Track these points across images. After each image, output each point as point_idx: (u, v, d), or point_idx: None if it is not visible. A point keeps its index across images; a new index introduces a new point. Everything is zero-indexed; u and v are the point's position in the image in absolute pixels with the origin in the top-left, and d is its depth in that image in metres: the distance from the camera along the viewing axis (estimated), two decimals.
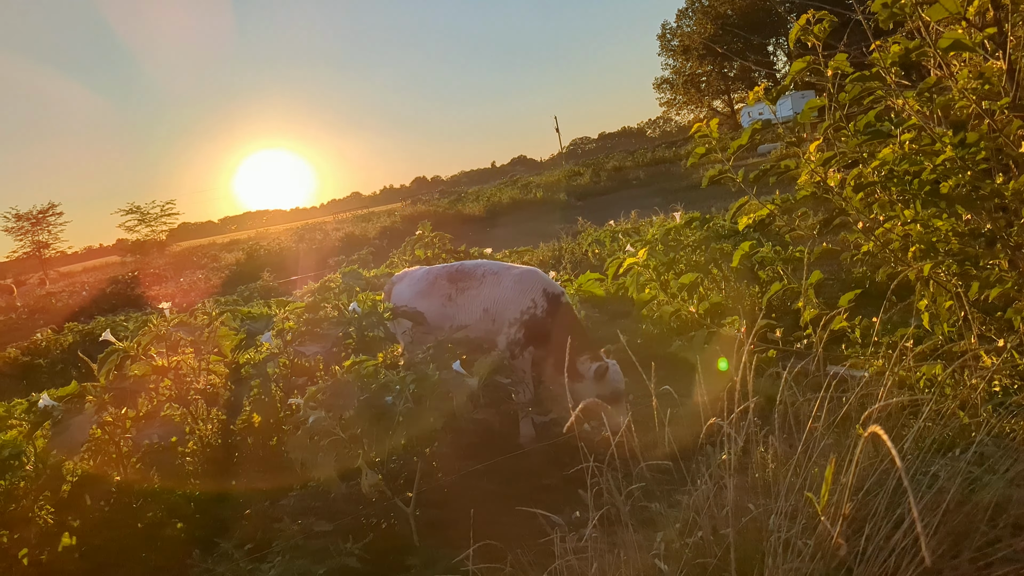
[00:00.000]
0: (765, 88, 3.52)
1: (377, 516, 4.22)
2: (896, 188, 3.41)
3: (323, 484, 4.02)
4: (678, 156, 42.38)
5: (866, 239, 3.48)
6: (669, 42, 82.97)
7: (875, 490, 2.21)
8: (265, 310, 6.23)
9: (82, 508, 4.55)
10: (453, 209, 35.85)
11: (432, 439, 4.22)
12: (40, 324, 17.25)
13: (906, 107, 3.46)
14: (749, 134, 3.53)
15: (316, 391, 3.95)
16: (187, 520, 4.66)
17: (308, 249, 30.82)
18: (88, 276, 41.94)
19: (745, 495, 2.31)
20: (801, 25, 3.60)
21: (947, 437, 2.68)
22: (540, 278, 5.54)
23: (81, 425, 4.30)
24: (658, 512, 2.54)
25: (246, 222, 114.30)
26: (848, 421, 2.69)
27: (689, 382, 3.64)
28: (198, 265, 34.37)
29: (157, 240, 58.76)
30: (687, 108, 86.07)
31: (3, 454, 4.35)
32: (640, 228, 11.09)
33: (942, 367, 3.22)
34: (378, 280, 7.04)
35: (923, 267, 3.15)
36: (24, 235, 61.63)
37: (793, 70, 3.53)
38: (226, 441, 5.21)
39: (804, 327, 3.70)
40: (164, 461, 4.70)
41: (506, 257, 9.74)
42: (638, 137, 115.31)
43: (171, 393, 5.15)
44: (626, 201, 23.36)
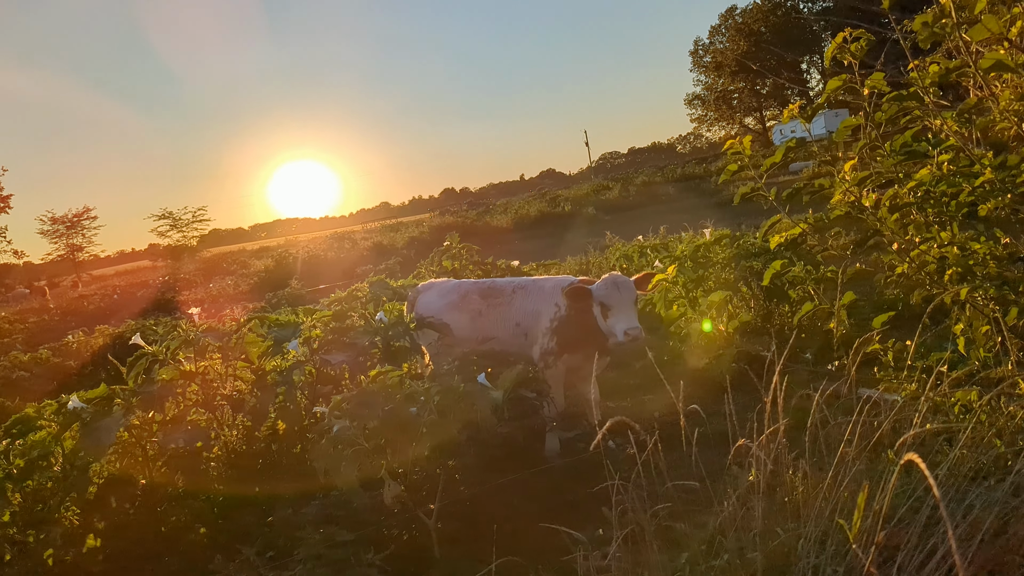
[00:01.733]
0: (800, 106, 3.48)
1: (399, 527, 4.21)
2: (933, 209, 3.35)
3: (346, 494, 4.02)
4: (708, 172, 42.16)
5: (900, 260, 3.42)
6: (701, 58, 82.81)
7: (907, 518, 2.16)
8: (293, 318, 6.27)
9: (107, 510, 4.59)
10: (481, 221, 35.96)
11: (455, 451, 4.20)
12: (72, 326, 17.50)
13: (944, 128, 3.41)
14: (783, 152, 3.49)
15: (341, 400, 3.96)
16: (210, 525, 4.68)
17: (336, 258, 31.06)
18: (120, 280, 42.61)
19: (773, 518, 2.27)
20: (838, 43, 3.56)
21: (982, 465, 2.61)
22: (563, 283, 5.57)
23: (109, 427, 4.34)
24: (683, 533, 2.50)
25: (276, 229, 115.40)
26: (880, 446, 2.63)
27: (716, 401, 3.60)
28: (227, 271, 34.76)
29: (188, 246, 59.56)
30: (718, 124, 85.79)
31: (32, 454, 4.41)
32: (669, 244, 11.02)
33: (977, 393, 3.15)
34: (405, 290, 7.04)
35: (960, 291, 3.08)
36: (59, 238, 62.65)
37: (829, 88, 3.49)
38: (251, 447, 5.24)
39: (835, 348, 3.64)
40: (189, 466, 4.74)
41: (534, 270, 9.73)
42: (668, 153, 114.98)
43: (197, 398, 5.20)
44: (655, 216, 23.25)
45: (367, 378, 4.07)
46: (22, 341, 16.49)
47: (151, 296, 25.26)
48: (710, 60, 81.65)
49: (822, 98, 3.61)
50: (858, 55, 3.51)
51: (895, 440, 2.82)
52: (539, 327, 5.50)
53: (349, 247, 34.34)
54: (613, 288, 5.16)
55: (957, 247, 3.25)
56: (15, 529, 4.25)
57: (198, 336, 5.33)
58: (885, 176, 3.46)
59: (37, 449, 4.42)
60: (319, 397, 5.31)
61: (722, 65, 79.55)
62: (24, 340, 16.69)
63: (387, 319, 5.86)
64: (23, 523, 4.27)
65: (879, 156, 3.60)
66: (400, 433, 3.95)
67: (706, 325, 5.83)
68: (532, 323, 5.53)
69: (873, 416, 2.68)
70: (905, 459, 1.45)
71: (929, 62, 3.42)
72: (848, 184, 3.34)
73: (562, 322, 5.45)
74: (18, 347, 14.44)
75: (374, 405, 3.92)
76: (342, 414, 3.93)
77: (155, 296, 25.12)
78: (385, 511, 4.23)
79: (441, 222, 37.87)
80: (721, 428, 3.66)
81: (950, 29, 2.86)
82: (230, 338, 5.51)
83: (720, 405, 3.75)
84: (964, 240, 3.30)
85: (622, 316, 5.08)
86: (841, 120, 3.68)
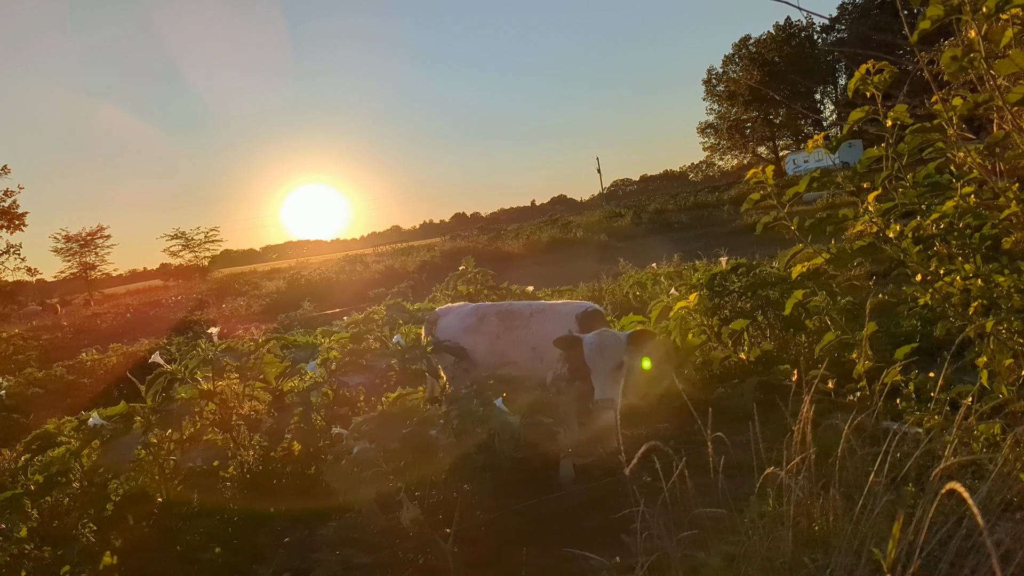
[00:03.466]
0: (825, 136, 3.51)
1: (415, 551, 4.20)
2: (956, 241, 3.36)
3: (362, 516, 4.02)
4: (721, 201, 42.24)
5: (923, 292, 3.42)
6: (714, 87, 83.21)
7: (936, 551, 2.15)
8: (310, 339, 6.30)
9: (124, 527, 4.59)
10: (492, 246, 36.05)
11: (472, 475, 4.19)
12: (85, 344, 17.61)
13: (968, 160, 3.42)
14: (807, 182, 3.51)
15: (362, 422, 3.97)
16: (225, 545, 4.68)
17: (348, 280, 31.16)
18: (132, 299, 42.85)
19: (800, 548, 2.26)
20: (861, 75, 3.59)
21: (1009, 500, 2.59)
22: (578, 308, 5.52)
23: (129, 444, 4.37)
24: (708, 561, 2.49)
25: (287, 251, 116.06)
26: (906, 479, 2.62)
27: (736, 430, 3.59)
28: (239, 292, 34.90)
29: (200, 266, 60.03)
30: (731, 153, 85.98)
31: (51, 470, 4.42)
32: (683, 272, 11.03)
33: (1001, 427, 3.14)
34: (421, 313, 7.08)
35: (986, 324, 3.08)
36: (72, 256, 63.20)
37: (852, 119, 3.51)
38: (267, 468, 5.24)
39: (857, 379, 3.63)
40: (205, 484, 4.75)
41: (549, 296, 9.75)
42: (680, 181, 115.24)
43: (215, 417, 5.22)
44: (667, 244, 23.27)
45: (386, 400, 4.07)
46: (36, 358, 16.58)
47: (164, 315, 25.41)
48: (723, 89, 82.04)
49: (845, 128, 3.63)
50: (881, 87, 3.54)
51: (918, 474, 2.81)
52: (554, 352, 5.48)
53: (361, 270, 34.46)
54: (596, 353, 4.86)
55: (981, 279, 3.25)
56: (32, 545, 4.26)
57: (217, 356, 5.36)
58: (908, 207, 3.47)
59: (56, 465, 4.44)
60: (336, 418, 5.32)
61: (735, 94, 79.91)
62: (38, 357, 16.79)
63: (404, 342, 5.89)
64: (40, 539, 4.28)
65: (901, 188, 3.61)
66: (418, 456, 3.95)
67: (721, 354, 5.81)
68: (547, 347, 5.50)
69: (898, 448, 2.67)
70: (947, 488, 1.45)
71: (953, 95, 3.44)
72: (873, 215, 3.35)
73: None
74: (32, 364, 14.53)
75: (394, 427, 3.93)
76: (362, 436, 3.93)
77: (168, 315, 25.27)
78: (400, 534, 4.22)
79: (453, 247, 38.00)
80: (740, 458, 3.65)
81: (978, 63, 2.88)
82: (248, 358, 5.54)
83: (739, 435, 3.75)
84: (988, 273, 3.30)
85: (599, 382, 4.78)
86: (855, 151, 3.70)
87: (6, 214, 42.77)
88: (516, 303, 6.00)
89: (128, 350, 14.19)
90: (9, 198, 42.58)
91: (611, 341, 4.82)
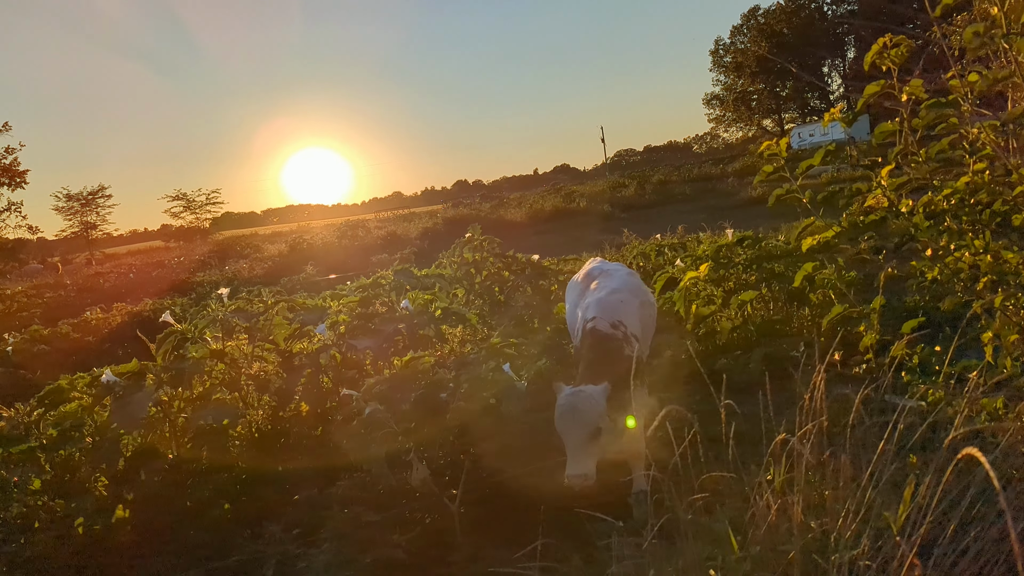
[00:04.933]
0: (842, 110, 3.52)
1: (423, 510, 4.28)
2: (967, 217, 3.39)
3: (371, 476, 4.09)
4: (725, 173, 42.05)
5: (932, 266, 3.46)
6: (721, 58, 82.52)
7: (939, 519, 2.21)
8: (320, 302, 6.34)
9: (136, 482, 4.67)
10: (495, 214, 35.96)
11: (480, 438, 4.26)
12: (88, 303, 17.66)
13: (981, 136, 3.44)
14: (822, 155, 3.53)
15: (374, 383, 4.03)
16: (234, 501, 4.77)
17: (351, 245, 31.16)
18: (134, 259, 42.84)
19: (808, 513, 2.32)
20: (878, 49, 3.59)
21: (1011, 473, 2.65)
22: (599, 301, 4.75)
23: (141, 402, 4.43)
24: (717, 525, 2.55)
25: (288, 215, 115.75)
26: (911, 450, 2.68)
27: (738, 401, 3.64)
28: (241, 255, 34.90)
29: (201, 227, 60.04)
30: (736, 126, 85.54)
31: (64, 425, 4.49)
32: (687, 243, 11.05)
33: (1003, 401, 3.19)
34: (430, 279, 7.11)
35: (994, 299, 3.12)
36: (73, 215, 63.22)
37: (868, 92, 3.52)
38: (276, 427, 5.31)
39: (863, 352, 3.68)
40: (215, 442, 4.81)
41: (553, 264, 9.77)
42: (684, 152, 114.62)
43: (224, 377, 5.28)
44: (671, 216, 23.28)
45: (400, 362, 4.12)
46: (40, 316, 16.67)
47: (166, 276, 25.45)
48: (730, 60, 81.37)
49: (860, 102, 3.64)
50: (898, 61, 3.54)
51: (923, 448, 2.87)
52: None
53: (363, 235, 34.41)
54: (566, 415, 3.94)
55: (990, 255, 3.29)
56: (46, 498, 4.34)
57: (226, 316, 5.41)
58: (921, 183, 3.49)
59: (69, 420, 4.50)
60: (344, 381, 5.38)
61: (742, 66, 79.27)
62: (42, 315, 16.87)
63: (412, 307, 5.94)
64: (54, 492, 4.36)
65: (914, 163, 3.63)
66: (428, 418, 4.02)
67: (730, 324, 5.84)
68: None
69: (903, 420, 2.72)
70: (964, 453, 1.50)
71: (968, 71, 3.45)
72: (886, 189, 3.37)
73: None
74: (37, 322, 14.59)
75: (405, 389, 3.99)
76: (373, 397, 3.99)
77: (170, 276, 25.31)
78: (408, 494, 4.30)
79: (455, 214, 37.92)
80: (746, 428, 3.71)
81: (999, 40, 2.89)
82: (257, 320, 5.59)
83: (744, 405, 3.80)
84: (997, 249, 3.33)
85: (570, 454, 3.91)
86: (860, 125, 3.71)
87: (7, 171, 42.61)
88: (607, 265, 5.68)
89: (132, 309, 14.27)
90: (10, 155, 42.41)
91: (585, 403, 3.95)
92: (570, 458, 3.87)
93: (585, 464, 3.83)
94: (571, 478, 3.78)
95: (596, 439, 3.91)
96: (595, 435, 3.90)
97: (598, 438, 3.92)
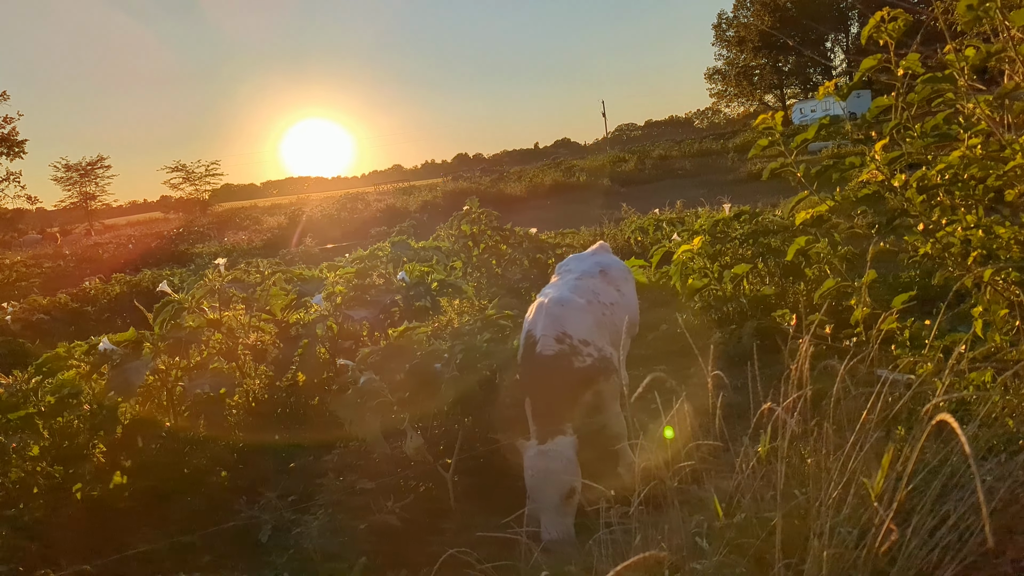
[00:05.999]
0: (836, 84, 3.52)
1: (416, 479, 4.33)
2: (960, 192, 3.40)
3: (367, 444, 4.14)
4: (725, 148, 41.89)
5: (924, 241, 3.47)
6: (724, 32, 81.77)
7: (921, 487, 2.25)
8: (316, 273, 6.37)
9: (133, 449, 4.72)
10: (495, 188, 35.88)
11: (474, 408, 4.30)
12: (87, 273, 17.71)
13: (976, 111, 3.43)
14: (816, 128, 3.53)
15: (369, 353, 4.06)
16: (231, 469, 4.82)
17: (350, 218, 31.12)
18: (133, 230, 42.82)
19: (792, 481, 2.36)
20: (875, 23, 3.58)
21: (994, 444, 2.69)
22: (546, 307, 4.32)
23: (138, 370, 4.46)
24: (704, 493, 2.60)
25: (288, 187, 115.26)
26: (896, 421, 2.71)
27: (733, 374, 3.67)
28: (240, 226, 34.89)
29: (200, 199, 59.86)
30: (737, 101, 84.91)
31: (62, 392, 4.52)
32: (685, 218, 11.06)
33: (991, 374, 3.22)
34: (427, 252, 7.13)
35: (983, 273, 3.14)
36: (73, 185, 63.00)
37: (864, 67, 3.52)
38: (272, 397, 5.36)
39: (854, 325, 3.70)
40: (212, 411, 4.87)
41: (552, 238, 9.79)
42: (685, 127, 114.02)
43: (221, 347, 5.31)
44: (670, 190, 23.23)
45: (395, 332, 4.15)
46: (39, 286, 16.71)
47: (165, 247, 25.48)
48: (733, 35, 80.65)
49: (857, 75, 3.63)
50: (895, 35, 3.53)
51: (908, 418, 2.91)
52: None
53: (362, 208, 34.37)
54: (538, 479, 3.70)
55: (982, 230, 3.30)
56: (44, 463, 4.38)
57: (223, 286, 5.43)
58: (915, 158, 3.50)
59: (67, 387, 4.53)
60: (341, 351, 5.42)
61: (745, 40, 78.57)
62: (41, 285, 16.91)
63: (408, 279, 5.96)
64: (52, 458, 4.41)
65: (909, 138, 3.63)
66: (423, 388, 4.06)
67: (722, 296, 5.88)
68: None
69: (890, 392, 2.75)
70: (938, 419, 1.53)
71: (966, 45, 3.44)
72: (879, 163, 3.38)
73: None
74: (36, 291, 14.63)
75: (399, 360, 4.02)
76: (368, 367, 4.03)
77: (169, 247, 25.33)
78: (403, 463, 4.35)
79: (455, 187, 37.83)
80: (737, 400, 3.74)
81: (993, 13, 2.88)
82: (254, 290, 5.62)
83: (736, 378, 3.83)
84: (989, 224, 3.34)
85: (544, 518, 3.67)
86: (862, 101, 3.71)
87: (5, 140, 42.44)
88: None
89: (131, 280, 14.31)
90: (8, 124, 42.23)
91: (557, 463, 3.66)
92: (545, 521, 3.63)
93: (562, 526, 3.62)
94: (549, 544, 3.50)
95: (571, 498, 3.67)
96: (570, 495, 3.66)
97: (573, 497, 3.68)
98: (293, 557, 3.75)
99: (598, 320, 4.34)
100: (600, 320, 4.35)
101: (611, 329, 4.37)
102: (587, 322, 4.22)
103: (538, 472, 3.67)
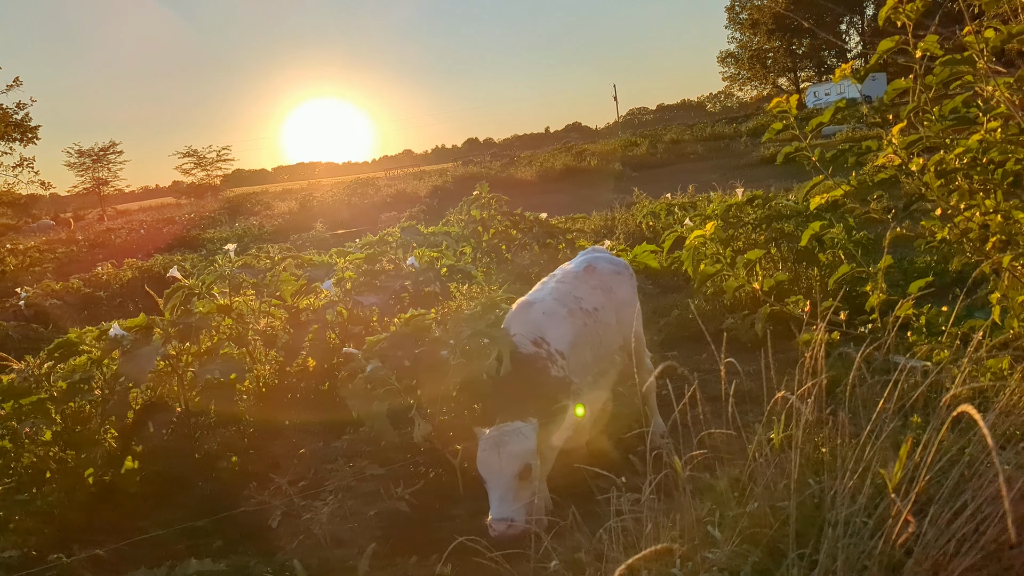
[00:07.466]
0: (852, 67, 3.44)
1: (425, 465, 4.32)
2: (978, 177, 3.33)
3: (375, 430, 4.12)
4: (738, 133, 41.52)
5: (942, 226, 3.41)
6: (738, 15, 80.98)
7: (938, 477, 2.21)
8: (326, 259, 6.35)
9: (144, 434, 4.74)
10: (505, 173, 35.73)
11: (481, 394, 4.27)
12: (100, 258, 17.77)
13: (996, 94, 3.36)
14: (832, 112, 3.46)
15: (376, 341, 4.03)
16: (241, 454, 4.83)
17: (360, 203, 31.09)
18: (145, 215, 42.92)
19: (806, 471, 2.33)
20: (893, 4, 3.50)
21: (1012, 433, 2.65)
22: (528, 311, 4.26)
23: (149, 355, 4.45)
24: (715, 482, 2.57)
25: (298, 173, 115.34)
26: (913, 409, 2.67)
27: (746, 360, 3.64)
28: (251, 212, 34.93)
29: (211, 184, 60.05)
30: (751, 84, 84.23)
31: (74, 377, 4.54)
32: (697, 203, 10.97)
33: (1009, 362, 3.17)
34: (436, 237, 7.09)
35: (1002, 259, 3.08)
36: (85, 171, 63.24)
37: (881, 48, 3.44)
38: (282, 382, 5.36)
39: (869, 311, 3.65)
40: (222, 396, 4.86)
41: (562, 223, 9.73)
42: (697, 111, 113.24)
43: (231, 332, 5.31)
44: (682, 175, 23.06)
45: (400, 320, 4.13)
46: (52, 271, 16.80)
47: (177, 232, 25.53)
48: (746, 17, 79.87)
49: (873, 58, 3.56)
50: (913, 17, 3.45)
51: (924, 406, 2.86)
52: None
53: (372, 193, 34.30)
54: (490, 452, 3.52)
55: (1001, 215, 3.24)
56: (57, 448, 4.40)
57: (234, 272, 5.42)
58: (933, 141, 3.43)
59: (79, 372, 4.55)
60: (350, 337, 5.41)
61: (759, 23, 77.80)
62: (54, 270, 17.00)
63: (418, 264, 5.93)
64: (64, 443, 4.42)
65: (926, 121, 3.56)
66: (430, 375, 4.03)
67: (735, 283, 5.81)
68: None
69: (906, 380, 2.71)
70: (959, 411, 1.49)
71: (985, 27, 3.36)
72: (897, 147, 3.32)
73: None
74: (49, 276, 14.71)
75: (406, 347, 4.00)
76: (375, 354, 4.01)
77: (181, 233, 25.39)
78: (412, 449, 4.34)
79: (465, 172, 37.69)
80: (750, 386, 3.71)
81: None
82: (265, 275, 5.61)
83: (749, 364, 3.79)
84: (1008, 209, 3.28)
85: (494, 496, 3.50)
86: (878, 84, 3.64)
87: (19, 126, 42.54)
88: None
89: (143, 265, 14.34)
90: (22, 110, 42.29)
91: (512, 438, 3.49)
92: (493, 500, 3.43)
93: (511, 507, 3.38)
94: (495, 523, 3.35)
95: (525, 479, 3.47)
96: (523, 474, 3.46)
97: (528, 478, 3.47)
98: (303, 542, 3.75)
99: (577, 332, 4.15)
100: (579, 332, 4.16)
101: (594, 342, 4.22)
102: (562, 333, 4.07)
103: (490, 446, 3.49)
